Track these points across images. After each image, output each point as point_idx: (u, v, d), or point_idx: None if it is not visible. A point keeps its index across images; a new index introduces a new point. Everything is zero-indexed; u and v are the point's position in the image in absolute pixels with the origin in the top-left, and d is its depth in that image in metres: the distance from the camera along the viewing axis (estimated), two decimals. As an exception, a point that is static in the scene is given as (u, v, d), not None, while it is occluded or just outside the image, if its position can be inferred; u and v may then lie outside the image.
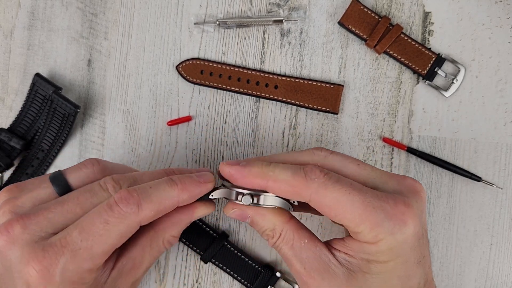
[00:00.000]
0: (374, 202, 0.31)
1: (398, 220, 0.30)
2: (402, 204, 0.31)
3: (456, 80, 0.45)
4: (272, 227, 0.34)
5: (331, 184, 0.31)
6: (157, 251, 0.36)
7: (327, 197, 0.31)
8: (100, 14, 0.47)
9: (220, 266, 0.45)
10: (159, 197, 0.33)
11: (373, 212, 0.30)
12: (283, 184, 0.32)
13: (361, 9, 0.45)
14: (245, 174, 0.33)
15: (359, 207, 0.30)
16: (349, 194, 0.31)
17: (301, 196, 0.32)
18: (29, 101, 0.45)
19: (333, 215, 0.31)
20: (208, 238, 0.45)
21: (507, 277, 0.45)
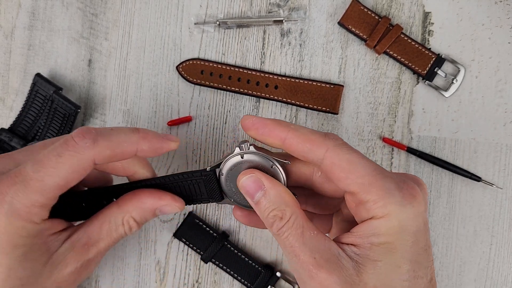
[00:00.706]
0: (385, 172, 0.30)
1: (408, 193, 0.30)
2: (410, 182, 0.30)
3: (456, 80, 0.45)
4: (283, 207, 0.31)
5: (347, 147, 0.31)
6: (115, 232, 0.35)
7: (341, 156, 0.30)
8: (100, 14, 0.47)
9: (220, 266, 0.45)
10: (118, 138, 0.32)
11: (384, 180, 0.29)
12: (301, 136, 0.31)
13: (361, 9, 0.45)
14: (267, 122, 0.32)
15: (371, 173, 0.30)
16: (362, 158, 0.30)
17: (316, 154, 0.31)
18: (29, 101, 0.45)
19: (343, 176, 0.30)
20: (208, 238, 0.45)
21: (506, 277, 0.45)
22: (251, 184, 0.32)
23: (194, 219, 0.45)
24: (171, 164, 0.46)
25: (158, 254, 0.46)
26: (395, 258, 0.29)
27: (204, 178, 0.35)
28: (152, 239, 0.46)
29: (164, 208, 0.35)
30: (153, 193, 0.35)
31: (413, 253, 0.30)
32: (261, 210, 0.32)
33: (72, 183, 0.32)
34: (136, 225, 0.35)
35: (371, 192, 0.29)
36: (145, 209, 0.35)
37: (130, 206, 0.35)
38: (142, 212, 0.35)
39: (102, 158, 0.32)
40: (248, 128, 0.33)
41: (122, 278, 0.46)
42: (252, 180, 0.32)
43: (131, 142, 0.33)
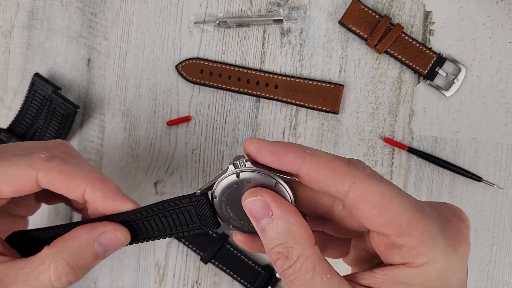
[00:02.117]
0: (425, 209, 0.24)
1: (453, 237, 0.24)
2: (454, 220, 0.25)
3: (456, 80, 0.45)
4: (290, 244, 0.25)
5: (378, 178, 0.25)
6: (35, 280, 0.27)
7: (372, 189, 0.24)
8: (99, 13, 0.46)
9: (220, 266, 0.45)
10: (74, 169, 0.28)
11: (426, 221, 0.24)
12: (321, 164, 0.25)
13: (361, 8, 0.45)
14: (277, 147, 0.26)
15: (409, 211, 0.24)
16: (398, 191, 0.25)
17: (339, 185, 0.25)
18: (28, 101, 0.45)
19: (375, 214, 0.24)
20: (208, 239, 0.45)
21: (507, 278, 0.45)
22: (258, 208, 0.26)
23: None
24: (171, 164, 0.46)
25: (158, 254, 0.46)
26: None
27: (195, 204, 0.29)
28: (152, 239, 0.46)
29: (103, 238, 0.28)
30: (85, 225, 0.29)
31: None
32: (265, 240, 0.26)
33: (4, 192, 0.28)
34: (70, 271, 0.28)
35: (409, 235, 0.24)
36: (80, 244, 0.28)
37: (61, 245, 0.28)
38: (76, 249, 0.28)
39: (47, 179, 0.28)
40: (254, 155, 0.26)
41: (121, 279, 0.46)
42: (259, 204, 0.26)
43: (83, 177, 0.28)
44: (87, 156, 0.46)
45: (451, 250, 0.24)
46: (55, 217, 0.46)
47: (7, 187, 0.28)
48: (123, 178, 0.46)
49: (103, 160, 0.46)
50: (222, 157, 0.46)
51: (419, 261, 0.24)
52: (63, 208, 0.46)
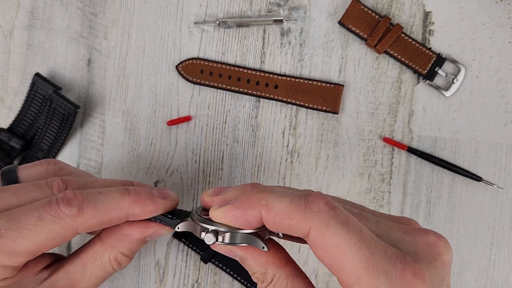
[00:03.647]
0: (380, 263, 0.25)
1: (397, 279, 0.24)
2: (410, 273, 0.25)
3: (456, 80, 0.45)
4: (263, 271, 0.28)
5: (335, 224, 0.25)
6: (102, 270, 0.31)
7: (326, 239, 0.25)
8: (100, 14, 0.46)
9: (220, 266, 0.45)
10: (105, 205, 0.29)
11: (375, 276, 0.24)
12: (278, 215, 0.26)
13: (361, 8, 0.45)
14: (234, 212, 0.27)
15: (361, 265, 0.24)
16: (354, 244, 0.25)
17: (299, 231, 0.26)
18: (28, 101, 0.45)
19: (328, 262, 0.26)
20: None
21: (507, 277, 0.45)
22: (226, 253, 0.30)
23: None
24: (171, 164, 0.46)
25: (158, 254, 0.46)
26: None
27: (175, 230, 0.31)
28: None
29: (153, 235, 0.32)
30: (135, 223, 0.31)
31: None
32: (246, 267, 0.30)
33: (46, 249, 0.29)
34: (127, 259, 0.32)
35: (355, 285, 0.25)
36: (133, 242, 0.32)
37: (116, 241, 0.31)
38: (130, 245, 0.32)
39: (87, 227, 0.29)
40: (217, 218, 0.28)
41: (121, 279, 0.46)
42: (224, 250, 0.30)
43: (121, 208, 0.29)
44: (88, 156, 0.46)
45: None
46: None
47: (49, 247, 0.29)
48: (124, 178, 0.46)
49: (103, 160, 0.46)
50: (222, 157, 0.46)
51: None
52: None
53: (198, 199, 0.46)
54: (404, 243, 0.26)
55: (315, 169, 0.46)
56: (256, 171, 0.46)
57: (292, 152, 0.46)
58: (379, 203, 0.46)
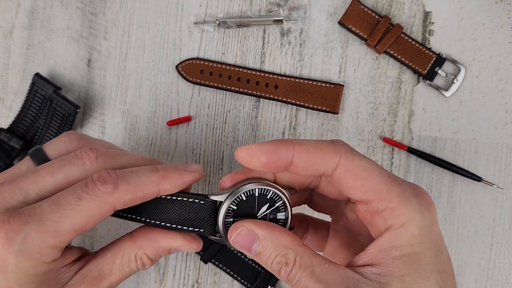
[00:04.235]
0: (399, 179, 0.28)
1: (424, 198, 0.28)
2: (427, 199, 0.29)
3: (456, 80, 0.45)
4: (284, 252, 0.29)
5: (359, 154, 0.29)
6: (128, 267, 0.33)
7: (356, 163, 0.28)
8: (100, 14, 0.46)
9: (220, 266, 0.45)
10: (138, 181, 0.31)
11: (401, 187, 0.28)
12: (310, 149, 0.29)
13: (361, 8, 0.45)
14: (268, 147, 0.29)
15: (387, 179, 0.28)
16: (376, 165, 0.28)
17: (328, 163, 0.28)
18: (28, 101, 0.45)
19: (359, 184, 0.28)
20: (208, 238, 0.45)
21: (507, 277, 0.45)
22: (244, 238, 0.30)
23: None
24: (171, 164, 0.46)
25: (158, 254, 0.46)
26: (423, 269, 0.27)
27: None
28: (152, 239, 0.46)
29: (180, 248, 0.34)
30: (167, 233, 0.33)
31: (439, 262, 0.28)
32: (263, 261, 0.29)
33: (87, 227, 0.30)
34: (150, 262, 0.34)
35: (389, 199, 0.27)
36: (160, 248, 0.33)
37: (145, 242, 0.33)
38: (157, 250, 0.33)
39: (123, 203, 0.31)
40: (248, 161, 0.29)
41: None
42: (244, 234, 0.30)
43: (152, 183, 0.31)
44: (88, 156, 0.46)
45: (424, 209, 0.28)
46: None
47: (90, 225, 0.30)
48: (124, 178, 0.46)
49: (103, 160, 0.46)
50: (222, 157, 0.46)
51: (400, 221, 0.27)
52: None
53: (198, 199, 0.46)
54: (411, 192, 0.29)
55: (315, 169, 0.46)
56: (256, 171, 0.46)
57: (292, 152, 0.46)
58: (379, 203, 0.46)
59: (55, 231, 0.29)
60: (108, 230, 0.46)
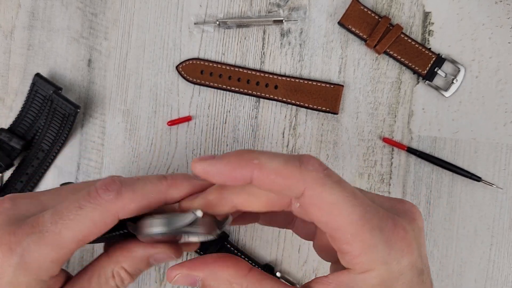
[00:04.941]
0: (374, 220, 0.25)
1: (396, 246, 0.25)
2: (401, 228, 0.26)
3: (456, 80, 0.45)
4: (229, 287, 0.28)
5: (331, 183, 0.25)
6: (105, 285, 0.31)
7: (323, 196, 0.25)
8: (100, 14, 0.47)
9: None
10: (143, 189, 0.29)
11: (371, 231, 0.25)
12: (272, 173, 0.26)
13: (361, 9, 0.45)
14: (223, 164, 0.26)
15: (357, 221, 0.25)
16: (349, 201, 0.25)
17: (293, 191, 0.26)
18: (29, 101, 0.45)
19: (324, 221, 0.26)
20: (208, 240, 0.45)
21: (507, 277, 0.45)
22: (185, 281, 0.29)
23: None
24: (171, 164, 0.46)
25: (158, 254, 0.46)
26: None
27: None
28: (152, 239, 0.46)
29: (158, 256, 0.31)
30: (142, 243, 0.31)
31: None
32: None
33: (91, 237, 0.29)
34: (129, 277, 0.32)
35: (353, 245, 0.25)
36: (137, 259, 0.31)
37: (120, 255, 0.31)
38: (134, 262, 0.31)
39: (127, 212, 0.29)
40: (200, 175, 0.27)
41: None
42: (183, 280, 0.29)
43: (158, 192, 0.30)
44: (88, 156, 0.46)
45: (392, 260, 0.25)
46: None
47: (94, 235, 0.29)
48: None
49: (104, 160, 0.46)
50: (222, 157, 0.46)
51: (360, 269, 0.26)
52: (64, 207, 0.46)
53: (198, 199, 0.46)
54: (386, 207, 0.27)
55: (315, 169, 0.46)
56: (256, 171, 0.46)
57: (292, 152, 0.46)
58: (379, 203, 0.46)
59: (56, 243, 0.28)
60: (108, 230, 0.46)
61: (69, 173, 0.46)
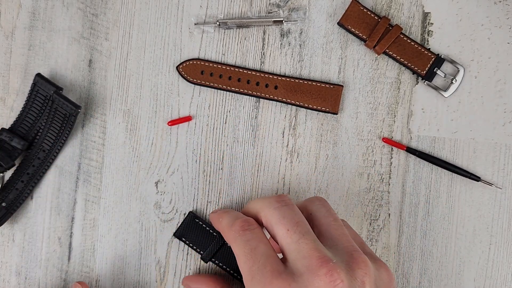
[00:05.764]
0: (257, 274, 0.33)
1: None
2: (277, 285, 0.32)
3: (455, 80, 0.45)
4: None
5: (240, 241, 0.35)
6: None
7: (234, 249, 0.35)
8: (101, 14, 0.47)
9: (220, 265, 0.45)
10: None
11: (251, 281, 0.33)
12: (221, 228, 0.38)
13: (360, 9, 0.45)
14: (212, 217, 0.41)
15: (245, 272, 0.34)
16: (244, 256, 0.34)
17: (227, 241, 0.37)
18: (30, 101, 0.45)
19: (238, 265, 0.35)
20: (208, 237, 0.45)
21: (506, 277, 0.45)
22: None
23: (195, 218, 0.46)
24: (171, 164, 0.46)
25: (159, 253, 0.46)
26: None
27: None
28: (153, 238, 0.46)
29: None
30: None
31: None
32: None
33: None
34: None
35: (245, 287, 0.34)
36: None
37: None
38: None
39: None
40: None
41: (122, 278, 0.46)
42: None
43: None
44: (89, 156, 0.47)
45: None
46: (57, 216, 0.46)
47: None
48: (125, 178, 0.47)
49: (104, 160, 0.47)
50: (223, 157, 0.46)
51: None
52: (65, 208, 0.47)
53: (198, 199, 0.46)
54: (300, 263, 0.32)
55: (314, 169, 0.46)
56: (256, 171, 0.46)
57: (292, 152, 0.46)
58: (378, 202, 0.46)
59: None
60: (108, 230, 0.46)
61: (70, 173, 0.47)
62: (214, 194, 0.46)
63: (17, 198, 0.45)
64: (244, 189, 0.46)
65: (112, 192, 0.46)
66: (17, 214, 0.46)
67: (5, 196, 0.45)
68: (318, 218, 0.36)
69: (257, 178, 0.46)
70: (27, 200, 0.46)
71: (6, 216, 0.45)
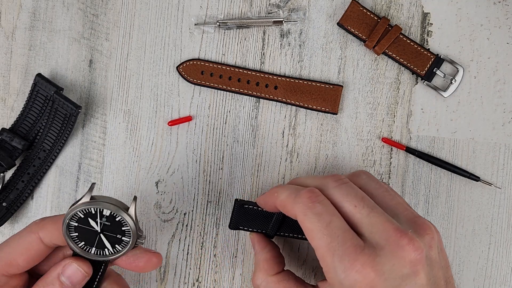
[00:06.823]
0: (336, 250, 0.32)
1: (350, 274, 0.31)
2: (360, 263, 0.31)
3: (454, 80, 0.45)
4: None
5: (311, 215, 0.33)
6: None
7: (304, 223, 0.34)
8: (101, 15, 0.47)
9: (286, 235, 0.42)
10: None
11: (332, 257, 0.32)
12: (280, 202, 0.36)
13: (360, 10, 0.45)
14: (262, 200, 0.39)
15: (323, 248, 0.33)
16: (319, 231, 0.33)
17: (291, 215, 0.35)
18: (30, 102, 0.46)
19: (308, 240, 0.34)
20: (265, 217, 0.41)
21: (505, 277, 0.45)
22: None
23: (243, 205, 0.42)
24: (172, 164, 0.47)
25: (159, 253, 0.46)
26: None
27: None
28: (153, 238, 0.46)
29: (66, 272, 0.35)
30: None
31: None
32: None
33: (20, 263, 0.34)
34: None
35: (322, 264, 0.33)
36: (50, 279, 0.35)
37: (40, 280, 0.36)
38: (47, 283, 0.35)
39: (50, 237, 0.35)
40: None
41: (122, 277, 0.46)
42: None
43: None
44: (89, 156, 0.47)
45: (347, 283, 0.31)
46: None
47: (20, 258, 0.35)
48: (125, 178, 0.47)
49: (104, 160, 0.47)
50: (223, 157, 0.47)
51: (328, 282, 0.33)
52: (66, 208, 0.47)
53: (198, 198, 0.46)
54: (378, 237, 0.32)
55: (314, 169, 0.46)
56: (256, 171, 0.46)
57: (292, 152, 0.46)
58: (378, 202, 0.46)
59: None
60: (109, 230, 0.46)
61: (70, 173, 0.47)
62: (214, 194, 0.47)
63: (18, 198, 0.46)
64: (244, 189, 0.47)
65: (113, 192, 0.47)
66: (17, 214, 0.46)
67: (5, 196, 0.45)
68: (370, 191, 0.36)
69: (257, 178, 0.47)
70: (27, 200, 0.46)
71: (6, 216, 0.45)
